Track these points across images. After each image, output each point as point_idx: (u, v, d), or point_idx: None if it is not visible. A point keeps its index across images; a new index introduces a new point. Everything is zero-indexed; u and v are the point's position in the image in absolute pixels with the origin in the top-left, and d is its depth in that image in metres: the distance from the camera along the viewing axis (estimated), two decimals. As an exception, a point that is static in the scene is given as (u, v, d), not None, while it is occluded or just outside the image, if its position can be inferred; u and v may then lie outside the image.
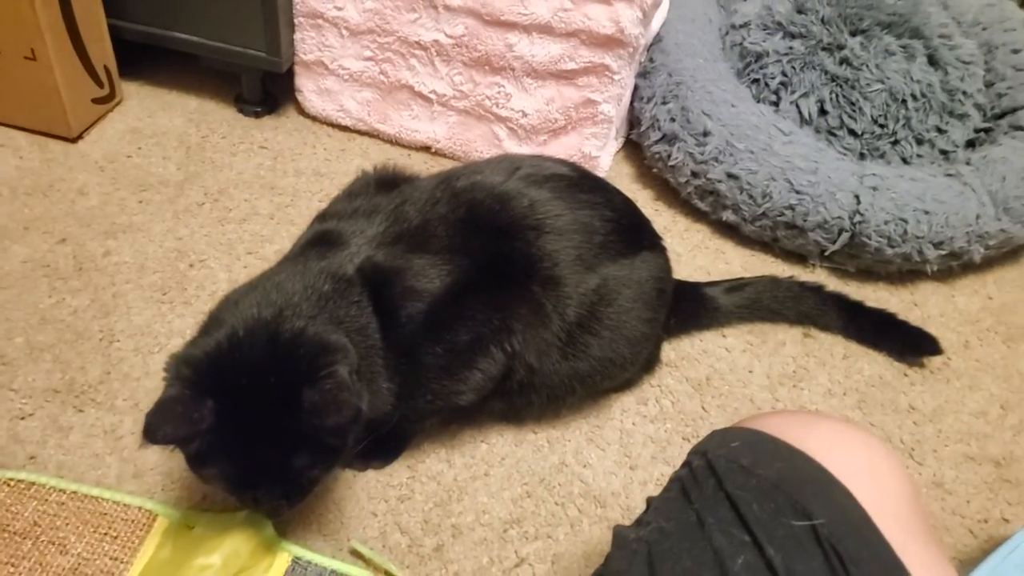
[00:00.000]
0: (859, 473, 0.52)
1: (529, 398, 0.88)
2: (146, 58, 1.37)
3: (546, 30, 1.12)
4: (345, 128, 1.34)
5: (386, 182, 0.93)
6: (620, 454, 0.93)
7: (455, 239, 0.81)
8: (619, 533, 0.58)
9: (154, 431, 0.64)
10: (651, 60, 1.26)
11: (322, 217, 0.90)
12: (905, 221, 1.10)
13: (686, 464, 0.60)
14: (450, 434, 0.93)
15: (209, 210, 1.17)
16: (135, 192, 1.18)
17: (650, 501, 0.62)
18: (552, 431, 0.95)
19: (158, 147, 1.27)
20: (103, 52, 1.25)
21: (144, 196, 1.18)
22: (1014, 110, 1.24)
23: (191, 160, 1.25)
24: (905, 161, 1.23)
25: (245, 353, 0.69)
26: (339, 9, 1.20)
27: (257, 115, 1.34)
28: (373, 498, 0.87)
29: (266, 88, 1.34)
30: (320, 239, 0.83)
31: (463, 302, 0.80)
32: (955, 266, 1.17)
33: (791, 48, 1.25)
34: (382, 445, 0.89)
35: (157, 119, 1.32)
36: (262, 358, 0.69)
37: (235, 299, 0.76)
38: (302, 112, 1.36)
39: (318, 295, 0.74)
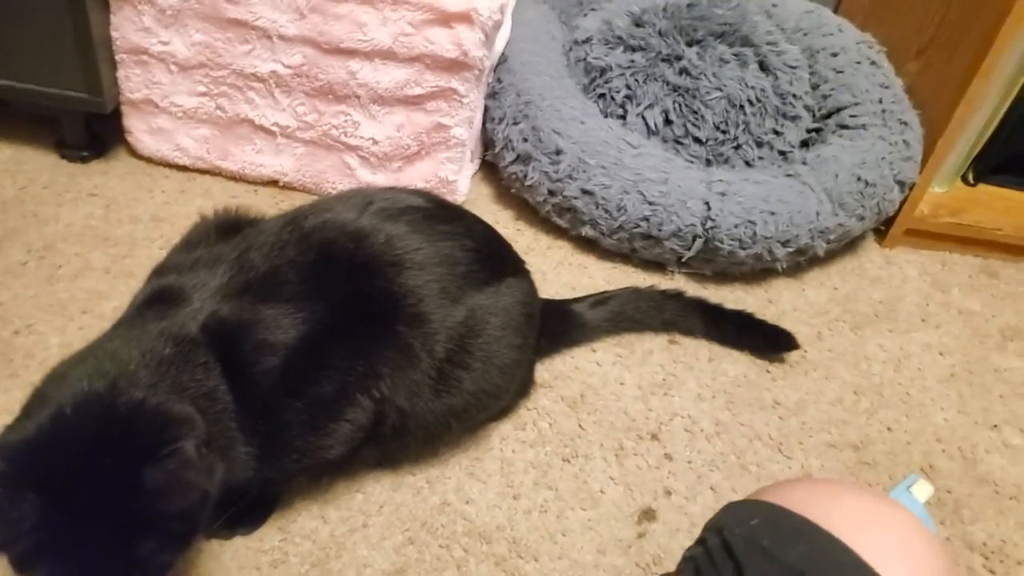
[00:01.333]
0: (891, 554, 0.49)
1: (404, 441, 0.84)
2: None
3: (389, 56, 1.09)
4: (183, 168, 1.25)
5: (228, 227, 0.87)
6: (502, 485, 0.91)
7: (308, 284, 0.76)
8: None
9: None
10: (499, 80, 1.26)
11: (159, 272, 0.82)
12: (753, 223, 1.14)
13: (701, 541, 0.56)
14: (322, 488, 0.88)
15: (35, 269, 1.06)
16: (-57, 256, 1.06)
17: None
18: (431, 470, 0.91)
19: (-32, 203, 1.14)
20: None
21: (-46, 260, 1.06)
22: (838, 110, 1.33)
23: (9, 215, 1.13)
24: (748, 164, 1.28)
25: (73, 434, 0.61)
26: (164, 44, 1.12)
27: (84, 160, 1.23)
28: (244, 567, 0.80)
29: (91, 130, 1.24)
30: (158, 297, 0.76)
31: (323, 351, 0.75)
32: (802, 261, 1.24)
33: (633, 61, 1.28)
34: (248, 510, 0.83)
35: (-36, 172, 1.19)
36: (94, 438, 0.61)
37: (62, 372, 0.68)
38: (134, 154, 1.26)
39: (157, 360, 0.68)
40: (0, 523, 0.57)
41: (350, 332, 0.77)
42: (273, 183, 1.25)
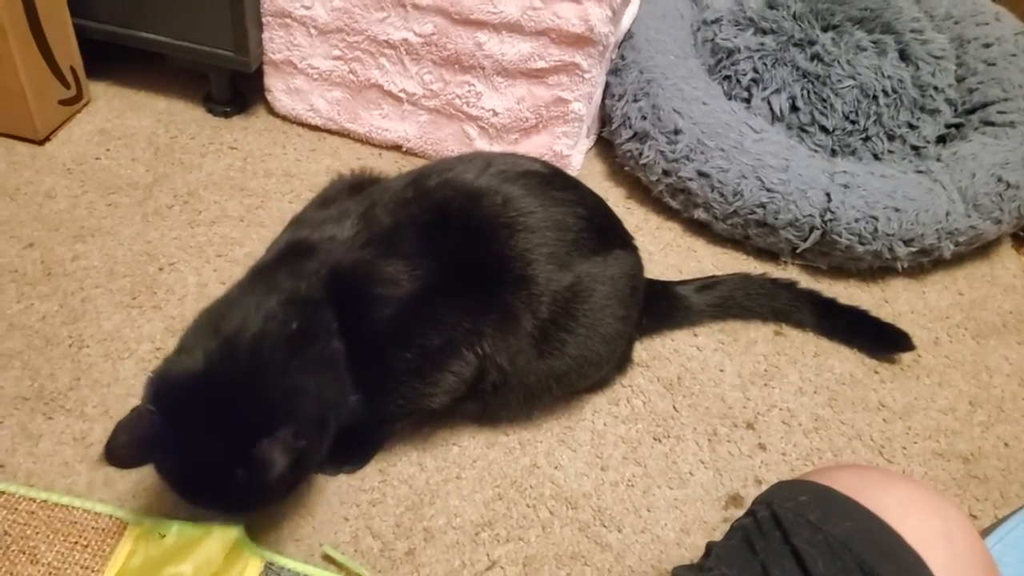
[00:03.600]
0: (933, 539, 0.51)
1: (505, 398, 0.88)
2: (113, 58, 1.35)
3: (516, 29, 1.11)
4: (315, 128, 1.32)
5: (360, 186, 0.93)
6: (592, 455, 0.93)
7: (426, 242, 0.81)
8: None
9: (111, 444, 0.66)
10: (622, 57, 1.26)
11: (296, 223, 0.89)
12: (876, 219, 1.10)
13: (750, 513, 0.59)
14: (422, 437, 0.93)
15: (179, 213, 1.16)
16: (104, 195, 1.17)
17: (710, 547, 0.61)
18: (524, 433, 0.94)
19: (127, 149, 1.25)
20: (69, 53, 1.23)
21: (113, 199, 1.17)
22: (985, 105, 1.25)
23: (160, 162, 1.24)
24: (876, 157, 1.23)
25: (211, 391, 0.71)
26: (307, 8, 1.19)
27: (227, 115, 1.33)
28: (345, 502, 0.86)
29: (235, 88, 1.33)
30: (291, 250, 0.83)
31: (433, 306, 0.79)
32: (926, 262, 1.18)
33: (762, 44, 1.25)
34: (353, 449, 0.89)
35: (125, 120, 1.30)
36: (229, 401, 0.71)
37: (215, 322, 0.76)
38: (272, 112, 1.34)
39: (287, 336, 0.74)
40: (137, 436, 0.67)
41: (459, 291, 0.80)
42: (397, 148, 1.31)
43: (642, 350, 1.04)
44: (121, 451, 0.67)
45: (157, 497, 0.84)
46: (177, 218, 1.15)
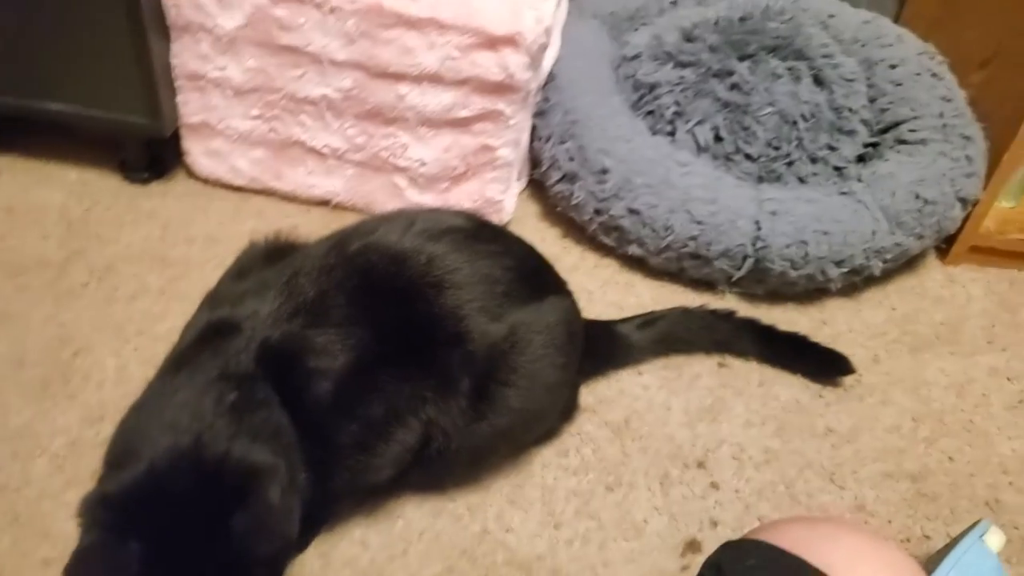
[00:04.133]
0: None
1: (450, 462, 0.85)
2: (18, 130, 1.29)
3: (436, 79, 1.10)
4: (238, 188, 1.28)
5: (276, 253, 0.89)
6: (543, 513, 0.90)
7: (355, 308, 0.78)
8: None
9: None
10: (546, 99, 1.25)
11: (212, 301, 0.85)
12: (805, 243, 1.11)
13: None
14: (364, 513, 0.88)
15: (94, 290, 1.10)
16: (11, 278, 1.10)
17: None
18: (472, 497, 0.91)
19: (36, 225, 1.19)
20: (-33, 129, 1.17)
21: (21, 281, 1.10)
22: (896, 124, 1.28)
23: (73, 236, 1.18)
24: (802, 180, 1.25)
25: (167, 487, 0.66)
26: (221, 69, 1.16)
27: (144, 181, 1.28)
28: (287, 590, 0.82)
29: (152, 152, 1.28)
30: (212, 331, 0.79)
31: (372, 375, 0.77)
32: (858, 281, 1.20)
33: (682, 77, 1.26)
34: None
35: (33, 195, 1.24)
36: (186, 490, 0.66)
37: (143, 425, 0.72)
38: (192, 175, 1.30)
39: (228, 407, 0.71)
40: (108, 569, 0.61)
41: (396, 357, 0.78)
42: (325, 203, 1.28)
43: (588, 394, 1.03)
44: None
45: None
46: (93, 296, 1.09)
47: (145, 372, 0.98)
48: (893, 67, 1.34)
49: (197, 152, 1.25)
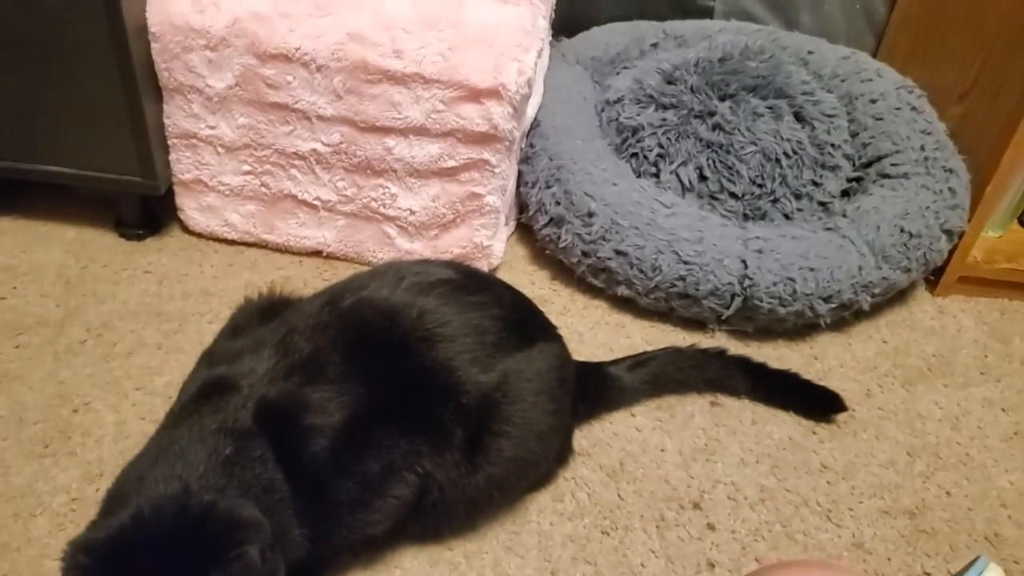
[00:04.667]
0: None
1: (446, 513, 0.85)
2: (16, 191, 1.31)
3: (422, 132, 1.13)
4: (232, 242, 1.30)
5: (270, 308, 0.91)
6: (540, 560, 0.90)
7: (350, 364, 0.79)
8: None
9: None
10: (531, 145, 1.28)
11: (209, 359, 0.87)
12: (793, 280, 1.13)
13: None
14: (361, 565, 0.88)
15: (92, 347, 1.12)
16: (11, 337, 1.12)
17: None
18: (468, 545, 0.91)
19: (35, 284, 1.21)
20: (-34, 193, 1.19)
21: (21, 340, 1.12)
22: (879, 158, 1.30)
23: (71, 294, 1.20)
24: (787, 217, 1.27)
25: (150, 534, 0.65)
26: (212, 128, 1.18)
27: (140, 238, 1.30)
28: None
29: (147, 209, 1.30)
30: (210, 389, 0.80)
31: (368, 431, 0.78)
32: (847, 316, 1.21)
33: (665, 119, 1.28)
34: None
35: (33, 254, 1.26)
36: (168, 539, 0.65)
37: (137, 474, 0.73)
38: (186, 230, 1.32)
39: (222, 460, 0.72)
40: None
41: (391, 412, 0.79)
42: (317, 254, 1.29)
43: (582, 437, 1.03)
44: None
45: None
46: (91, 353, 1.11)
47: (144, 427, 1.00)
48: (873, 101, 1.37)
49: (191, 208, 1.27)
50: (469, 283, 0.90)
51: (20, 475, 0.94)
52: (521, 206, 1.32)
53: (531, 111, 1.26)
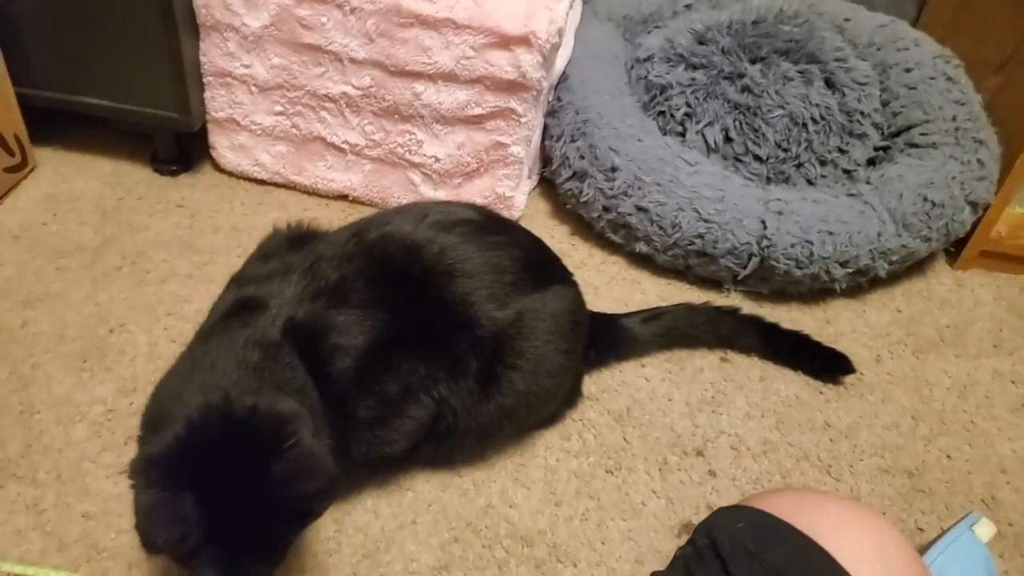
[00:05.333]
0: (866, 558, 0.52)
1: (458, 440, 0.90)
2: (57, 123, 1.36)
3: (451, 78, 1.14)
4: (262, 182, 1.34)
5: (298, 239, 0.94)
6: (545, 491, 0.94)
7: (374, 292, 0.83)
8: None
9: (153, 540, 0.64)
10: (558, 99, 1.29)
11: (238, 281, 0.90)
12: (811, 243, 1.13)
13: (691, 542, 0.60)
14: (376, 484, 0.93)
15: (127, 273, 1.16)
16: (52, 260, 1.17)
17: None
18: (477, 473, 0.95)
19: (74, 212, 1.26)
20: (12, 121, 1.24)
21: (61, 263, 1.17)
22: (908, 128, 1.29)
23: (108, 224, 1.24)
24: (810, 182, 1.27)
25: (205, 442, 0.70)
26: (246, 67, 1.21)
27: (173, 173, 1.34)
28: (300, 554, 0.86)
29: (181, 146, 1.34)
30: (240, 307, 0.83)
31: (389, 355, 0.82)
32: (863, 282, 1.21)
33: (694, 79, 1.29)
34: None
35: (72, 184, 1.31)
36: (223, 444, 0.70)
37: (174, 390, 0.76)
38: (218, 168, 1.36)
39: (253, 367, 0.76)
40: (175, 522, 0.65)
41: (411, 339, 0.83)
42: (343, 197, 1.33)
43: (591, 383, 1.06)
44: (166, 541, 0.65)
45: (112, 559, 0.83)
46: (126, 279, 1.15)
47: (174, 349, 1.04)
48: (908, 71, 1.35)
49: (223, 146, 1.31)
50: (490, 224, 0.93)
51: (61, 385, 1.00)
52: (545, 160, 1.34)
53: (560, 64, 1.27)
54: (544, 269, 0.94)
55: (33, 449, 0.93)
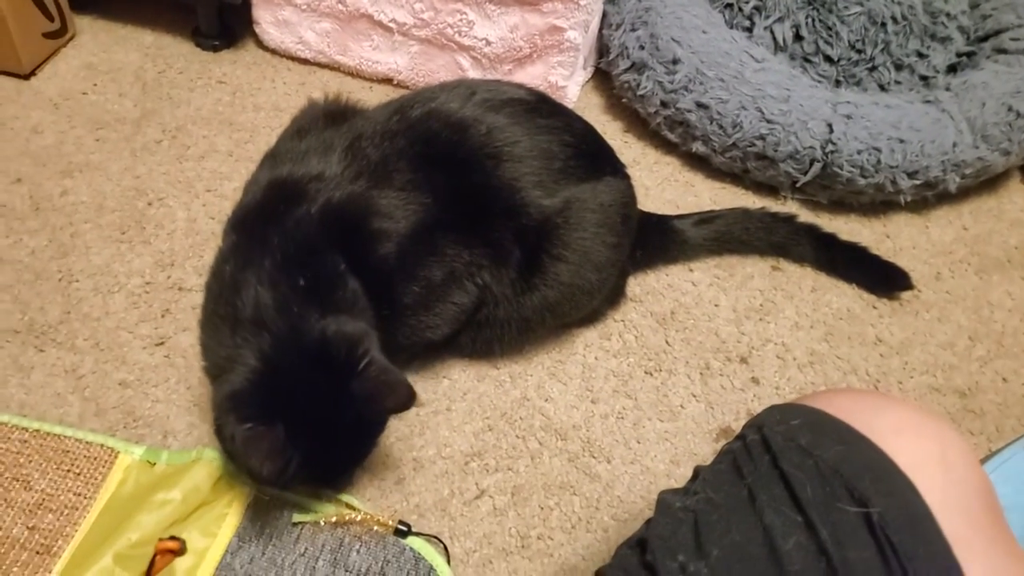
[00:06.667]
0: (927, 463, 0.49)
1: (498, 330, 0.88)
2: (98, -10, 1.32)
3: (508, -48, 1.07)
4: (305, 61, 1.29)
5: (336, 114, 0.90)
6: (582, 388, 0.92)
7: (416, 174, 0.80)
8: (664, 500, 0.56)
9: (259, 472, 0.66)
10: (621, -16, 1.21)
11: (272, 158, 0.86)
12: (879, 150, 1.07)
13: (739, 437, 0.58)
14: (413, 370, 0.92)
15: (167, 147, 1.14)
16: (91, 130, 1.15)
17: (698, 471, 0.60)
18: (514, 366, 0.94)
19: (114, 83, 1.23)
20: (50, -16, 1.20)
21: (101, 134, 1.15)
22: (998, 32, 1.20)
23: (148, 96, 1.21)
24: (882, 88, 1.19)
25: (284, 373, 0.71)
26: (293, -67, 1.15)
27: (215, 49, 1.30)
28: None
29: (224, 21, 1.29)
30: (276, 194, 0.80)
31: (432, 239, 0.80)
32: (930, 196, 1.15)
33: (767, -30, 1.20)
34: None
35: (112, 54, 1.27)
36: (300, 372, 0.71)
37: (230, 326, 0.74)
38: (261, 45, 1.31)
39: (304, 292, 0.74)
40: (271, 456, 0.67)
41: (454, 223, 0.80)
42: (387, 80, 1.28)
43: (635, 285, 1.03)
44: (270, 473, 0.67)
45: (148, 427, 0.84)
46: (166, 153, 1.13)
47: (212, 226, 1.04)
48: (1003, -31, 1.24)
49: (267, 22, 1.26)
50: (542, 106, 0.88)
51: (100, 255, 1.00)
52: (601, 51, 1.27)
53: (625, -56, 1.18)
54: (596, 158, 0.90)
55: (72, 316, 0.93)
